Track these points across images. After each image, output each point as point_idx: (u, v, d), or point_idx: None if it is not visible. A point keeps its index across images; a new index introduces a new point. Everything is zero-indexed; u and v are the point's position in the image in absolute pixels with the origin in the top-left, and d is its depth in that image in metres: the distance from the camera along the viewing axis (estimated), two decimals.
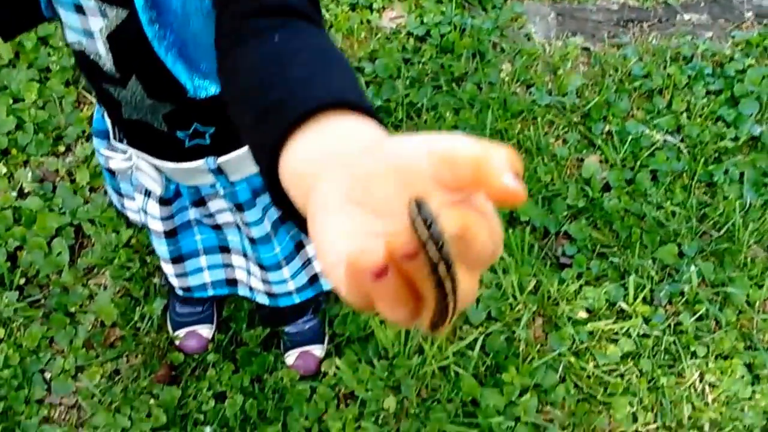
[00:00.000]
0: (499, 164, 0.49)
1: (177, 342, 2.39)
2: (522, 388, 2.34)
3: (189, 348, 2.38)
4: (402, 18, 3.23)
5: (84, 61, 1.28)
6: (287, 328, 2.37)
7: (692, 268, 2.60)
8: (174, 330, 2.40)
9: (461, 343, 2.39)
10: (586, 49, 3.19)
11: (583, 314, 2.50)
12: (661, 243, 2.65)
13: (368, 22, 3.20)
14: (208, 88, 1.26)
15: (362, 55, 3.06)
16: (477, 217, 0.49)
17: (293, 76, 0.72)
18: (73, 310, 2.44)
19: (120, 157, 1.56)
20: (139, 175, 1.56)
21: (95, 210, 2.58)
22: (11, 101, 2.82)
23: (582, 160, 2.84)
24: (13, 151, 2.72)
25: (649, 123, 2.94)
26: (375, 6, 3.25)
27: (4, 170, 2.67)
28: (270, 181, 0.66)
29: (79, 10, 1.18)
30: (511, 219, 2.66)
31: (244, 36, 0.85)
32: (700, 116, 2.96)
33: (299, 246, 1.74)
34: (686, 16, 3.32)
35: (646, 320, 2.51)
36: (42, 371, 2.37)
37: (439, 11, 3.21)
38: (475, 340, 2.41)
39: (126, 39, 1.20)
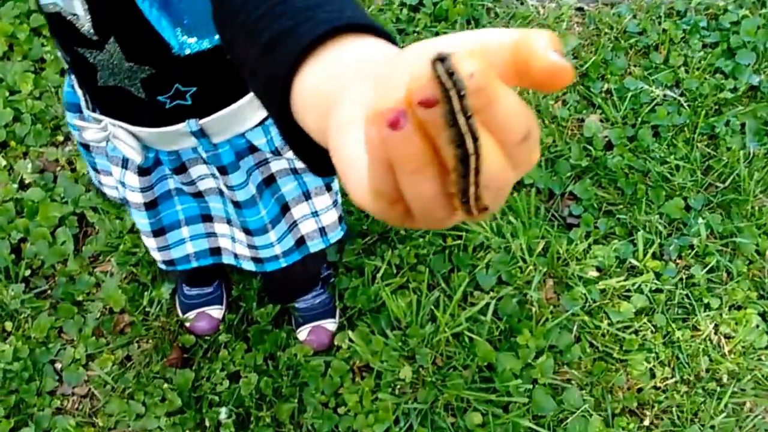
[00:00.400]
0: (542, 43, 0.45)
1: (187, 324, 2.34)
2: (537, 350, 2.30)
3: (200, 329, 2.34)
4: None
5: (59, 24, 1.21)
6: (298, 304, 2.33)
7: (700, 220, 2.55)
8: (184, 312, 2.36)
9: (473, 308, 2.35)
10: (580, 9, 3.14)
11: (593, 273, 2.46)
12: (667, 197, 2.60)
13: None
14: (192, 45, 1.21)
15: None
16: (498, 79, 0.44)
17: (299, 5, 0.66)
18: (80, 298, 2.40)
19: (94, 127, 1.47)
20: (116, 144, 1.47)
21: (97, 197, 2.52)
22: (7, 94, 2.77)
23: (582, 120, 2.79)
24: (12, 143, 2.67)
25: (647, 79, 2.89)
26: None
27: (4, 163, 2.62)
28: (281, 113, 0.61)
29: None
30: (515, 182, 2.61)
31: None
32: (698, 69, 2.91)
33: (285, 208, 1.67)
34: None
35: (658, 275, 2.47)
36: (52, 362, 2.33)
37: None
38: (487, 304, 2.36)
39: None
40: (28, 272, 2.44)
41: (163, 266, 1.83)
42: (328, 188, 1.67)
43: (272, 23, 0.62)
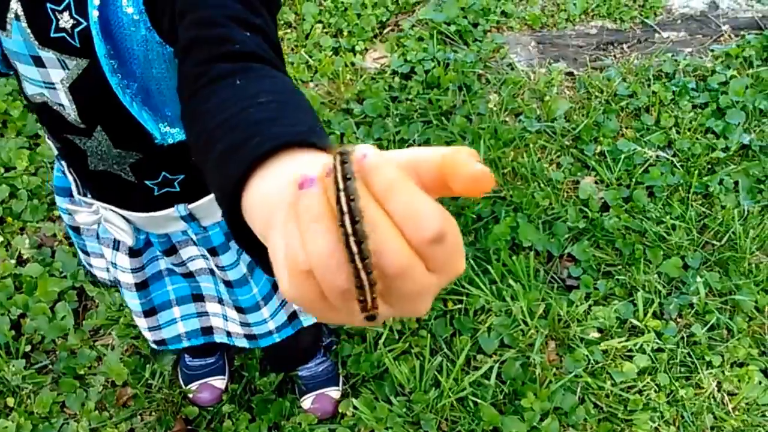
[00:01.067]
0: (465, 156, 0.52)
1: (190, 395, 2.34)
2: (542, 413, 2.30)
3: (203, 400, 2.34)
4: (385, 58, 3.23)
5: (47, 113, 1.27)
6: (301, 372, 2.34)
7: (698, 279, 2.58)
8: (186, 383, 2.36)
9: (477, 372, 2.36)
10: (570, 73, 3.20)
11: (595, 334, 2.48)
12: (664, 257, 2.64)
13: (352, 64, 3.20)
14: (174, 135, 1.25)
15: (350, 97, 3.05)
16: (403, 173, 0.51)
17: (255, 118, 0.72)
18: (82, 372, 2.40)
19: (86, 210, 1.52)
20: (108, 227, 1.52)
21: None
22: (2, 170, 2.79)
23: (578, 182, 2.83)
24: (9, 219, 2.68)
25: (639, 140, 2.94)
26: (357, 48, 3.25)
27: (1, 239, 2.64)
28: (232, 219, 0.66)
29: (38, 62, 1.17)
30: (514, 245, 2.65)
31: (207, 80, 0.84)
32: (689, 130, 2.96)
33: (276, 285, 1.69)
34: (664, 34, 3.34)
35: (659, 334, 2.49)
36: None
37: (422, 48, 3.21)
38: (491, 368, 2.38)
39: (89, 88, 1.19)
40: (28, 348, 2.44)
41: (154, 346, 1.85)
42: None
43: (226, 135, 0.66)
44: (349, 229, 0.49)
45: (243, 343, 1.82)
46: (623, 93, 3.09)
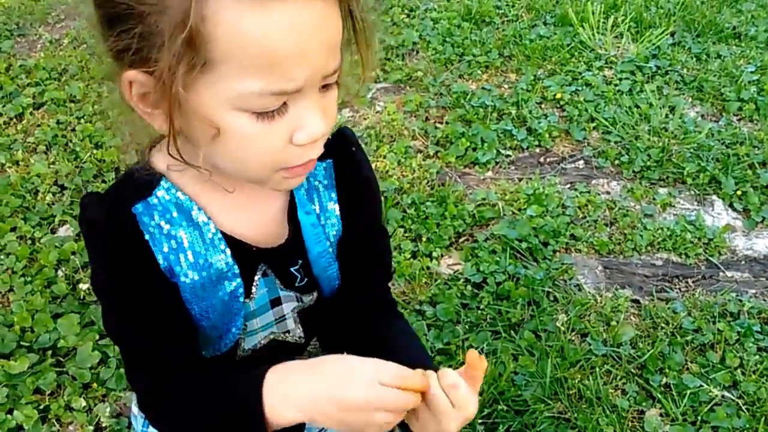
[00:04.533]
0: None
1: None
2: None
3: None
4: (459, 265, 2.92)
5: (266, 348, 1.22)
6: None
7: None
8: None
9: None
10: (636, 301, 2.85)
11: None
12: None
13: (428, 268, 2.89)
14: None
15: (423, 299, 2.73)
16: None
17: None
18: None
19: None
20: None
21: None
22: (97, 337, 2.50)
23: (642, 411, 2.43)
24: (94, 385, 2.38)
25: (704, 377, 2.55)
26: (434, 254, 2.95)
27: (84, 404, 2.32)
28: None
29: (276, 303, 1.18)
30: None
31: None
32: (755, 372, 2.57)
33: None
34: (729, 273, 2.99)
35: None
36: None
37: (494, 261, 2.90)
38: None
39: (315, 309, 1.23)
40: None
41: None
42: None
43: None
44: None
45: None
46: (688, 327, 2.72)
